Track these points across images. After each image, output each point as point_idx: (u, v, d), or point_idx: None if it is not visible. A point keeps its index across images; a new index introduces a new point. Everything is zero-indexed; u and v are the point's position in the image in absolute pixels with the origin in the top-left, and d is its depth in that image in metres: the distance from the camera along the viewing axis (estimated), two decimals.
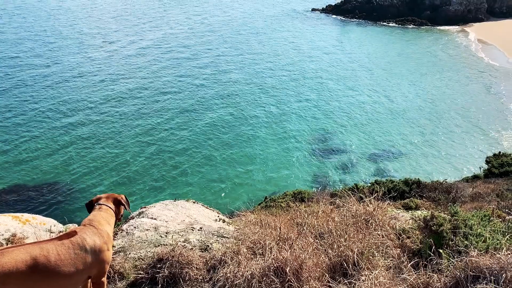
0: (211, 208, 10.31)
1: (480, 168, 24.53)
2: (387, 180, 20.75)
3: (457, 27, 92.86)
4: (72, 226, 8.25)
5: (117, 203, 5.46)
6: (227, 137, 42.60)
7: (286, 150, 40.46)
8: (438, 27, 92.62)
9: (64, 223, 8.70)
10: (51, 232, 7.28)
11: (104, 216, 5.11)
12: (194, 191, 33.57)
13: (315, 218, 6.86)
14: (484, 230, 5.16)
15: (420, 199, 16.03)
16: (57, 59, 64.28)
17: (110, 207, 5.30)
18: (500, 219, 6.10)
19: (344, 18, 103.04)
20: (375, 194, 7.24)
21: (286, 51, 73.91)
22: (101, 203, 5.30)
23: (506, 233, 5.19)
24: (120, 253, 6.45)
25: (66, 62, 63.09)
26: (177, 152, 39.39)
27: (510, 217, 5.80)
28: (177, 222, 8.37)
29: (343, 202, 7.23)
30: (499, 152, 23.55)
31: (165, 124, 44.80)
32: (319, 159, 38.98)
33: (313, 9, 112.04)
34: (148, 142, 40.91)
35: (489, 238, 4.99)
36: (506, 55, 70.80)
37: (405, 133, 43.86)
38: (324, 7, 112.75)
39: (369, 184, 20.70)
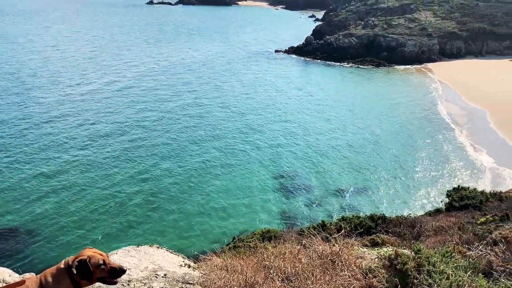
0: (176, 253, 9.98)
1: (441, 201, 25.21)
2: (353, 216, 20.92)
3: (412, 66, 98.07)
4: (28, 275, 7.76)
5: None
6: (194, 179, 42.08)
7: (253, 189, 40.30)
8: (395, 67, 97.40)
9: (23, 272, 8.17)
10: (6, 283, 6.81)
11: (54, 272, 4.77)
12: (159, 235, 32.57)
13: (282, 260, 6.77)
14: (447, 267, 5.23)
15: (386, 235, 16.18)
16: (31, 100, 62.81)
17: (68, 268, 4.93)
18: (461, 255, 6.22)
19: (307, 59, 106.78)
20: (343, 231, 7.25)
21: (252, 92, 75.20)
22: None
23: (468, 269, 5.28)
24: None
25: (41, 104, 61.59)
26: (139, 196, 38.42)
27: (471, 253, 5.93)
28: (140, 269, 8.04)
29: (310, 242, 7.19)
30: (459, 186, 24.36)
31: (124, 170, 43.87)
32: (287, 197, 39.01)
33: (276, 51, 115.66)
34: (107, 189, 39.76)
35: (451, 275, 5.06)
36: (457, 93, 74.88)
37: (369, 169, 44.82)
38: (287, 48, 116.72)
39: (336, 221, 20.79)
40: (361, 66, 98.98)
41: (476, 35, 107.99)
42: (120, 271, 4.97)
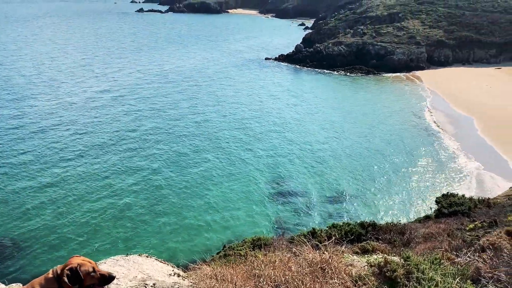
0: (165, 262, 9.89)
1: (430, 208, 25.39)
2: (343, 223, 20.96)
3: (401, 74, 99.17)
4: (15, 286, 7.62)
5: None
6: (184, 184, 41.89)
7: (245, 196, 40.21)
8: (384, 74, 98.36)
9: (9, 283, 8.02)
10: None
11: (42, 282, 4.69)
12: (148, 244, 32.29)
13: (272, 268, 6.74)
14: (436, 274, 5.26)
15: (376, 242, 16.23)
16: (21, 109, 62.26)
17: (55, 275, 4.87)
18: (450, 262, 6.26)
19: (297, 67, 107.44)
20: (333, 238, 7.25)
21: (244, 99, 75.36)
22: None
23: (456, 276, 5.31)
24: None
25: (31, 113, 61.04)
26: (127, 205, 38.11)
27: (459, 259, 5.98)
28: (128, 278, 7.95)
29: (300, 250, 7.18)
30: (448, 192, 24.60)
31: (115, 180, 43.55)
32: (278, 204, 38.98)
33: (267, 58, 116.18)
34: (96, 199, 39.41)
35: (440, 282, 5.08)
36: (445, 101, 75.83)
37: (359, 176, 45.03)
38: (277, 56, 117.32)
39: (326, 228, 20.80)
40: (351, 74, 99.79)
41: (463, 44, 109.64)
42: (110, 277, 4.96)
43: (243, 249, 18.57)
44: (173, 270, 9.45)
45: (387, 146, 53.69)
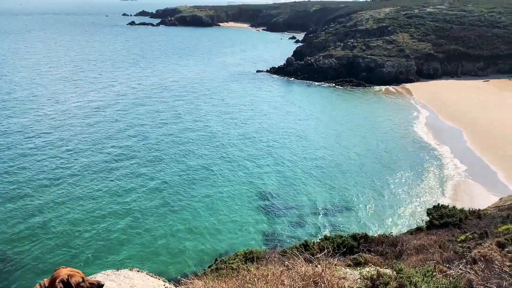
0: (156, 276, 9.78)
1: (422, 220, 25.48)
2: (336, 235, 20.91)
3: (391, 86, 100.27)
4: None
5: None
6: (175, 197, 41.62)
7: (237, 209, 40.03)
8: (374, 87, 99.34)
9: None
10: None
11: None
12: (140, 257, 31.90)
13: (264, 282, 6.70)
14: (428, 286, 5.27)
15: (368, 254, 16.21)
16: (8, 121, 61.56)
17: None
18: (442, 274, 6.27)
19: (290, 79, 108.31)
20: (325, 251, 7.23)
21: (235, 111, 75.54)
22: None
23: None
24: None
25: (18, 124, 60.36)
26: (120, 216, 37.73)
27: (451, 271, 5.99)
28: None
29: (292, 263, 7.15)
30: (438, 204, 24.71)
31: (105, 187, 43.18)
32: (270, 216, 38.83)
33: (258, 71, 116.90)
34: (90, 205, 38.99)
35: None
36: (435, 112, 76.71)
37: (351, 188, 45.11)
38: (268, 68, 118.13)
39: (318, 241, 20.74)
40: (341, 87, 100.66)
41: (451, 57, 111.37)
42: (99, 286, 4.98)
43: (235, 262, 18.40)
44: (164, 285, 9.35)
45: (378, 158, 53.98)
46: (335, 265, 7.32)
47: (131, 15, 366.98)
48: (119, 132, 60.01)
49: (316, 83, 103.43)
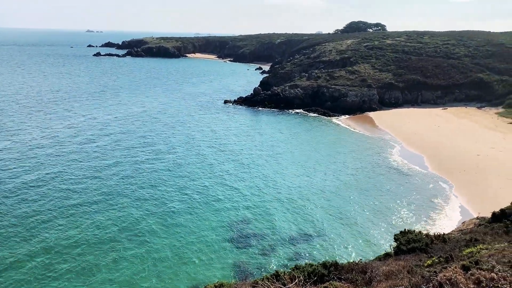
0: None
1: (390, 246, 25.81)
2: (306, 264, 20.83)
3: (354, 116, 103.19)
4: None
5: None
6: (141, 228, 40.48)
7: (203, 240, 39.26)
8: (339, 116, 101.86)
9: None
10: None
11: None
12: None
13: None
14: None
15: (339, 281, 16.25)
16: None
17: None
18: None
19: (259, 109, 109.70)
20: (296, 280, 7.22)
21: (203, 142, 75.32)
22: None
23: None
24: None
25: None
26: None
27: None
28: None
29: None
30: (405, 229, 25.15)
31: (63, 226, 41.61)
32: (239, 247, 38.29)
33: (226, 101, 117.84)
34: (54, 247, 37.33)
35: None
36: (398, 140, 79.24)
37: (320, 216, 45.35)
38: (236, 99, 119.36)
39: (289, 270, 20.59)
40: (307, 115, 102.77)
41: (411, 86, 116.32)
42: None
43: None
44: None
45: (344, 185, 54.79)
46: None
47: (96, 46, 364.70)
48: (78, 160, 58.42)
49: (283, 113, 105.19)
